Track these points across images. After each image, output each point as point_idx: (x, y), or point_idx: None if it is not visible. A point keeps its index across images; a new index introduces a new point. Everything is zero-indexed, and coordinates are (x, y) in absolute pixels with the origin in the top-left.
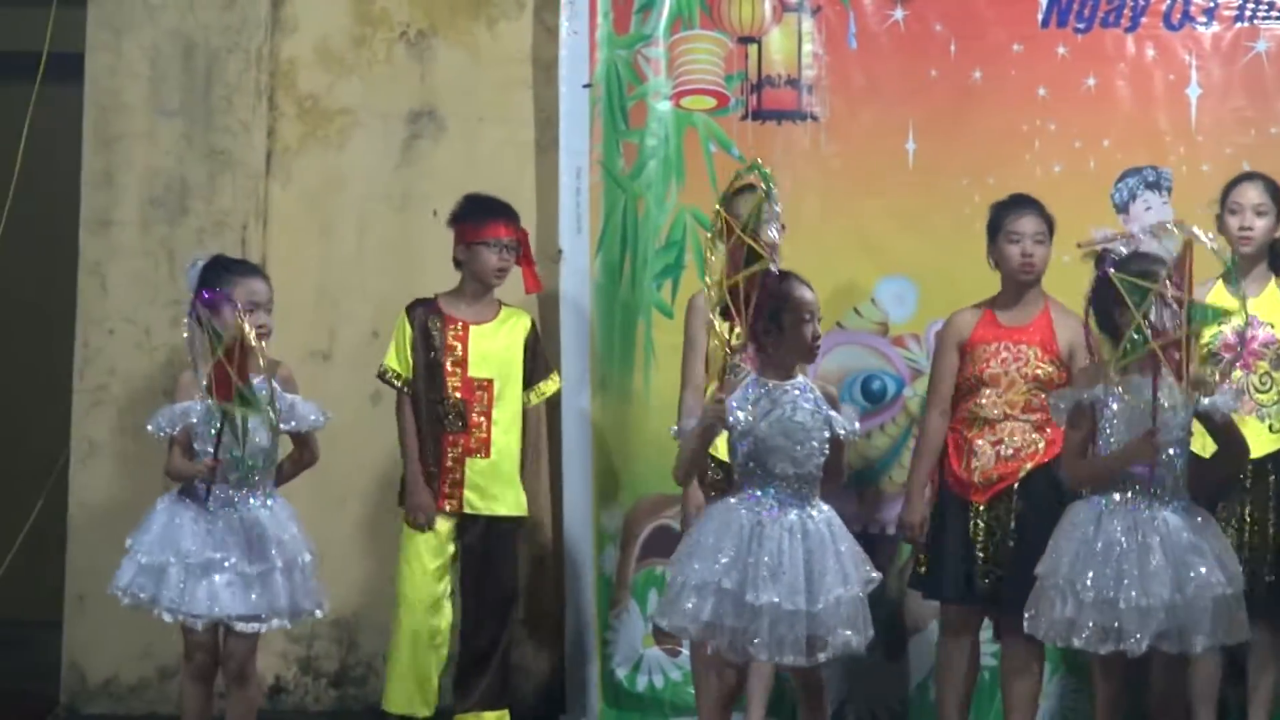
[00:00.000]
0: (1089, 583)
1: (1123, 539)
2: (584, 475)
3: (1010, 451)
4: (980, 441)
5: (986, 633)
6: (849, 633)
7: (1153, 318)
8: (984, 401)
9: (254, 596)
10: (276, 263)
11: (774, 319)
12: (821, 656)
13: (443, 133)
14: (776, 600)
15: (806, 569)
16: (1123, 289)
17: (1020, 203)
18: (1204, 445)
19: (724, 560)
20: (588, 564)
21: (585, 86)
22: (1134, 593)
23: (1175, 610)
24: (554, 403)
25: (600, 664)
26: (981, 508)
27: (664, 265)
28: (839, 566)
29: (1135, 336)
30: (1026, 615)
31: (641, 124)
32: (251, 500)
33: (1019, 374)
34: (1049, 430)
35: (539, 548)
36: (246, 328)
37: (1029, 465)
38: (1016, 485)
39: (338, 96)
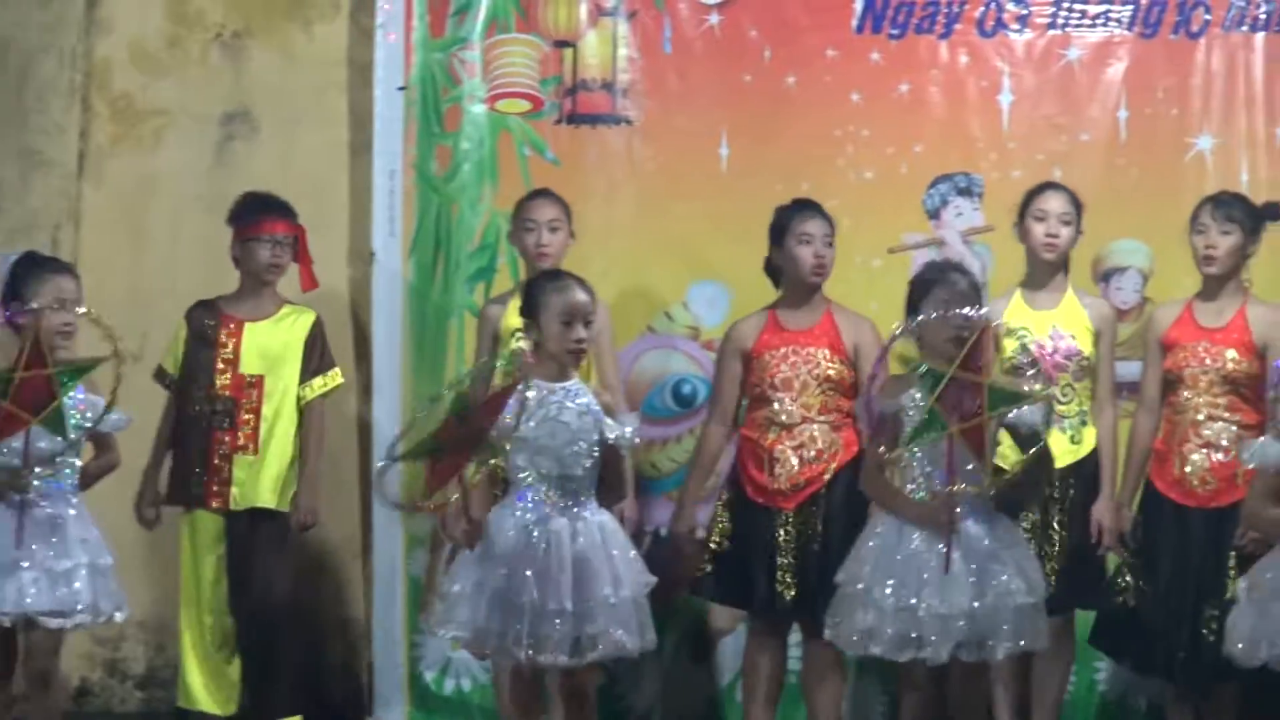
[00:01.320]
0: (889, 590)
1: (923, 547)
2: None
3: (813, 454)
4: (781, 448)
5: (795, 635)
6: (620, 634)
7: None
8: (778, 407)
9: (60, 592)
10: (88, 264)
11: (536, 319)
12: (590, 656)
13: (257, 134)
14: (538, 599)
15: (575, 571)
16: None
17: (809, 205)
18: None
19: (492, 563)
20: (396, 566)
21: (400, 89)
22: (934, 601)
23: (975, 618)
24: (366, 403)
25: (408, 667)
26: (790, 515)
27: (477, 268)
28: (610, 569)
29: (927, 419)
30: (828, 623)
31: (456, 127)
32: (56, 499)
33: (811, 376)
34: (845, 430)
35: (349, 548)
36: (52, 328)
37: (833, 466)
38: (824, 489)
39: (152, 97)
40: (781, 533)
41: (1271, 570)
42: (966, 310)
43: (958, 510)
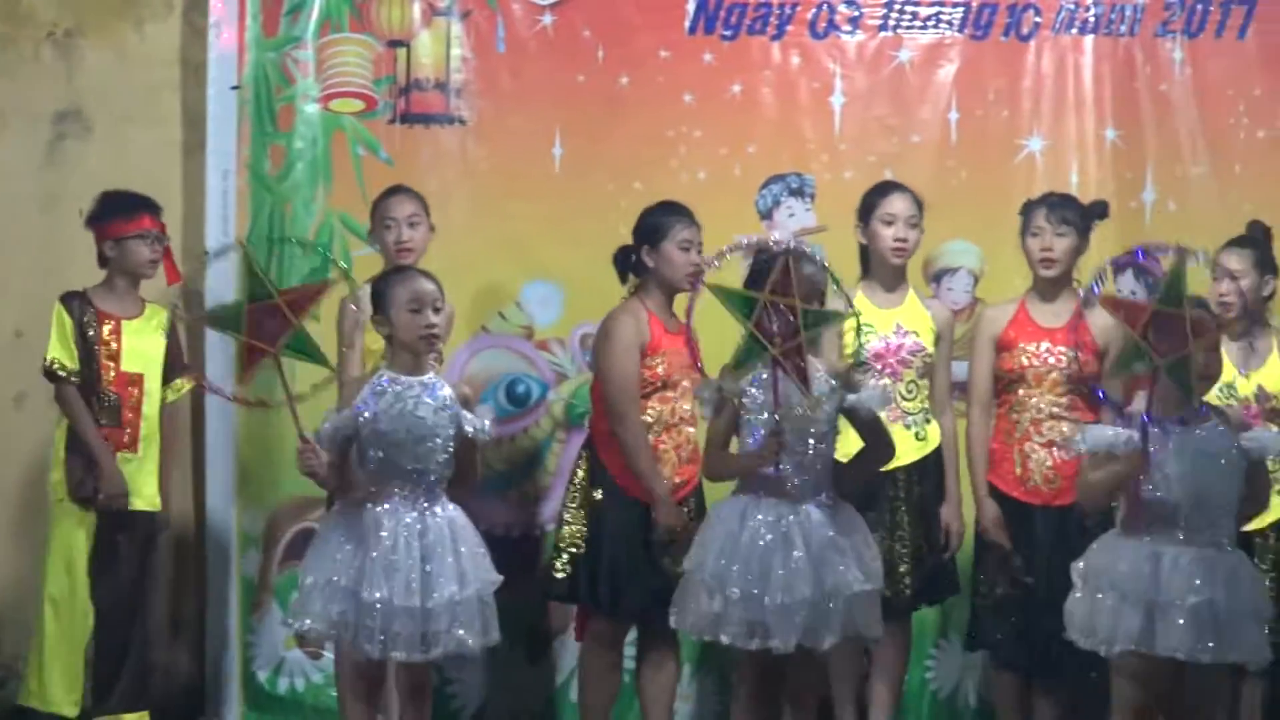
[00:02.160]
0: (735, 578)
1: (767, 535)
2: (226, 476)
3: (687, 455)
4: (664, 447)
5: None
6: (462, 632)
7: (764, 323)
8: (660, 406)
9: None
10: None
11: (386, 314)
12: (434, 653)
13: (89, 133)
14: (388, 595)
15: (422, 566)
16: (727, 300)
17: (681, 209)
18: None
19: (342, 558)
20: (230, 566)
21: (234, 89)
22: (778, 591)
23: (815, 607)
24: (198, 402)
25: (241, 666)
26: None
27: (310, 268)
28: (456, 566)
29: (748, 345)
30: (673, 610)
31: (290, 127)
32: None
33: (688, 378)
34: None
35: (182, 548)
36: None
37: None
38: (698, 489)
39: None
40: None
41: (1101, 556)
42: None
43: (785, 435)
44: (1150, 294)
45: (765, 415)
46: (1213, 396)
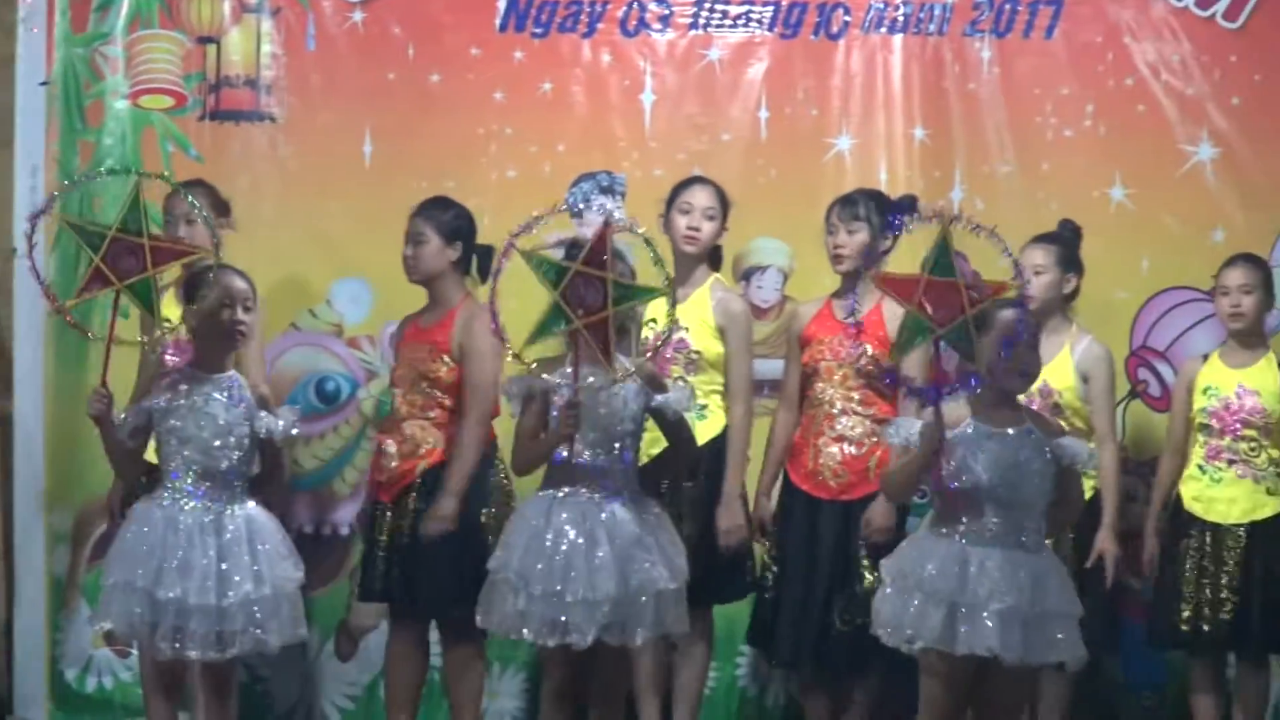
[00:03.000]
0: (539, 576)
1: (571, 532)
2: (34, 473)
3: (409, 449)
4: (388, 441)
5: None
6: (260, 631)
7: (571, 295)
8: (389, 404)
9: None
10: None
11: (194, 308)
12: (231, 652)
13: None
14: (182, 595)
15: (218, 565)
16: (537, 268)
17: (443, 203)
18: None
19: (140, 557)
20: (38, 564)
21: (42, 84)
22: (580, 587)
23: (620, 604)
24: (8, 398)
25: (49, 665)
26: (389, 509)
27: None
28: (253, 565)
29: (552, 314)
30: (479, 609)
31: (99, 123)
32: None
33: (416, 374)
34: (446, 426)
35: None
36: None
37: (424, 464)
38: (417, 481)
39: None
40: (390, 526)
41: (911, 554)
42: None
43: (578, 410)
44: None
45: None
46: None
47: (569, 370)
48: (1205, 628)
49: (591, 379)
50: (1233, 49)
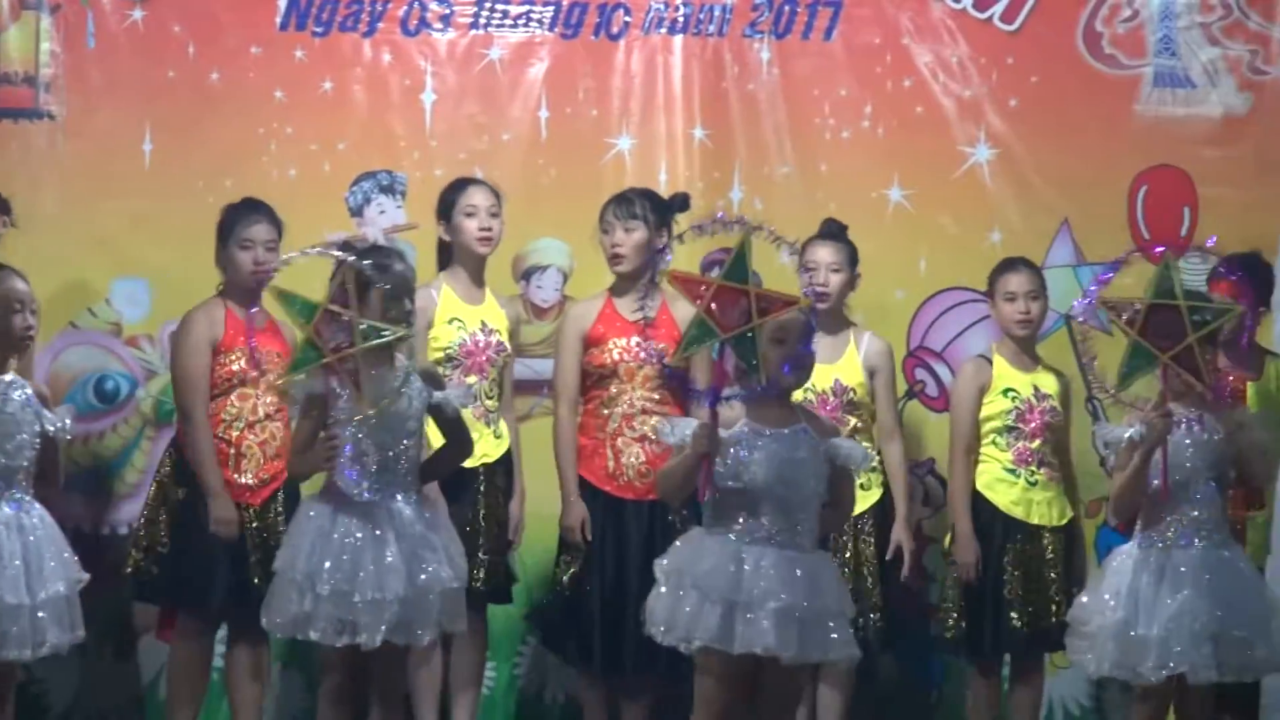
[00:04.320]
0: (326, 576)
1: (358, 532)
2: None
3: (274, 451)
4: (248, 442)
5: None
6: (57, 629)
7: (325, 331)
8: (240, 403)
9: None
10: None
11: None
12: (42, 651)
13: None
14: None
15: (25, 564)
16: (287, 305)
17: (253, 206)
18: None
19: None
20: None
21: None
22: (368, 587)
23: (406, 603)
24: None
25: None
26: (255, 509)
27: None
28: (41, 564)
29: (304, 349)
30: (263, 610)
31: None
32: None
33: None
34: None
35: None
36: None
37: None
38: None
39: None
40: (249, 527)
41: (685, 552)
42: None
43: (338, 439)
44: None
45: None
46: None
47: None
48: (1034, 630)
49: (346, 409)
50: (1010, 51)
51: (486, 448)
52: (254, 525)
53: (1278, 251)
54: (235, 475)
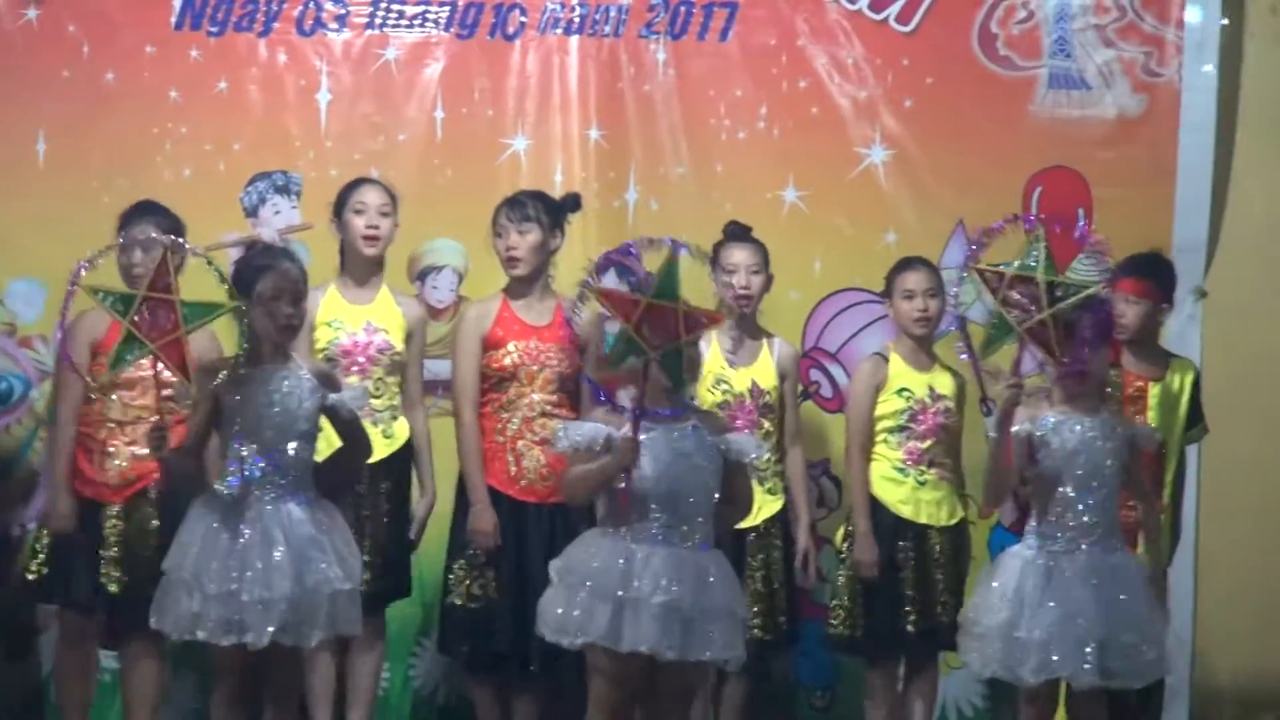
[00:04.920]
0: (213, 575)
1: (247, 531)
2: None
3: (144, 452)
4: (115, 443)
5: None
6: None
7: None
8: (115, 404)
9: None
10: None
11: None
12: None
13: None
14: None
15: None
16: (103, 301)
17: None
18: None
19: None
20: None
21: None
22: (256, 587)
23: (295, 604)
24: None
25: None
26: (118, 508)
27: None
28: None
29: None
30: (153, 611)
31: None
32: None
33: (138, 374)
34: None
35: None
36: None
37: None
38: (152, 484)
39: None
40: (109, 525)
41: (578, 552)
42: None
43: (164, 430)
44: (635, 290)
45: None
46: (705, 390)
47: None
48: (923, 629)
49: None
50: (905, 52)
51: (375, 448)
52: (116, 524)
53: (1171, 250)
54: (97, 474)
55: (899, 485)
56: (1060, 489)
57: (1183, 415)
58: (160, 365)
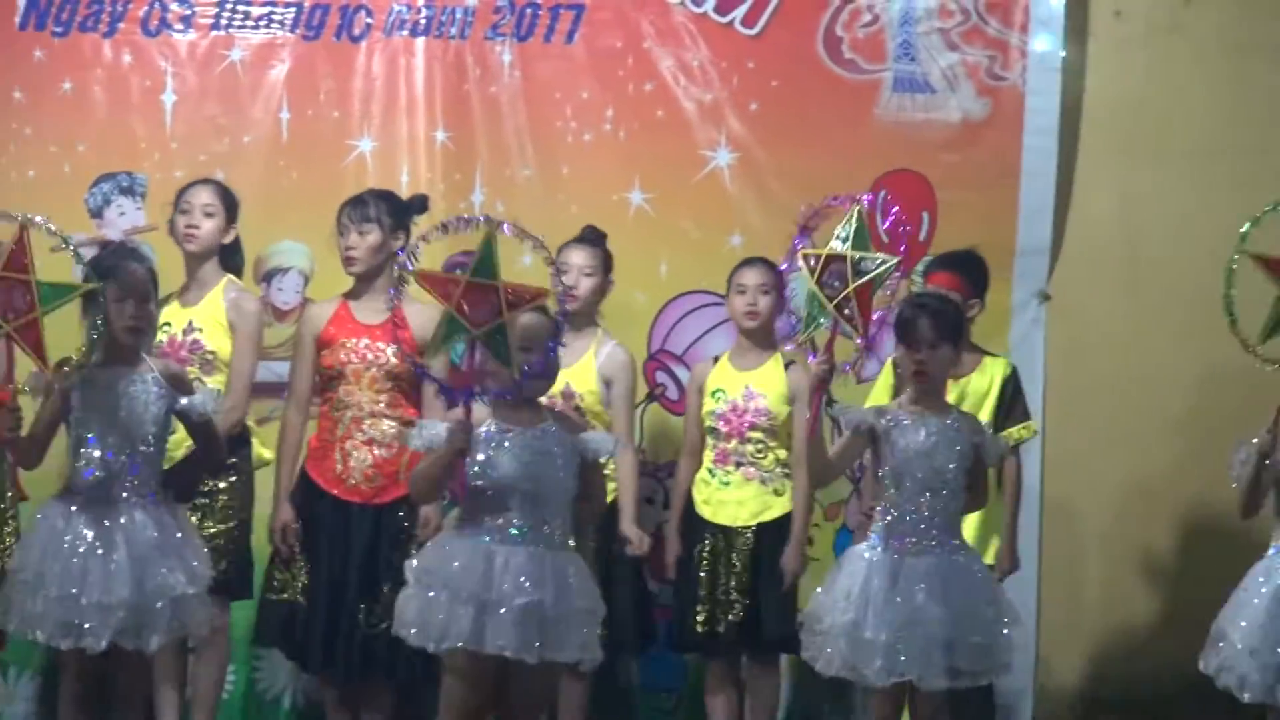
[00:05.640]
0: (53, 577)
1: (88, 534)
2: None
3: None
4: None
5: None
6: None
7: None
8: None
9: None
10: None
11: None
12: None
13: None
14: None
15: None
16: None
17: None
18: None
19: None
20: None
21: None
22: (95, 590)
23: (135, 608)
24: None
25: None
26: None
27: None
28: None
29: None
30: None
31: None
32: None
33: None
34: None
35: None
36: None
37: None
38: None
39: None
40: None
41: (435, 553)
42: None
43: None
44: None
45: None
46: None
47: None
48: (720, 630)
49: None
50: (751, 55)
51: None
52: None
53: (1015, 254)
54: None
55: (705, 486)
56: (904, 489)
57: (989, 413)
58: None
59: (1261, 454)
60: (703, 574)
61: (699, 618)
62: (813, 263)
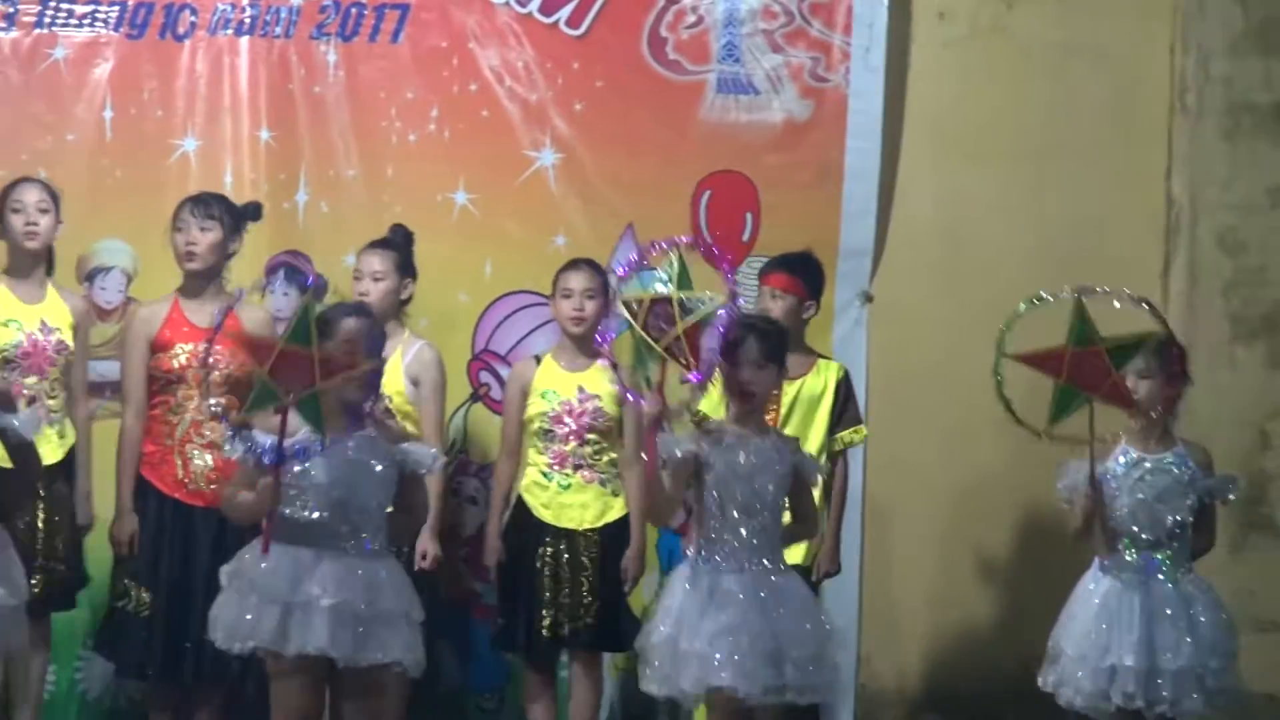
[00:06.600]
0: None
1: None
2: None
3: None
4: None
5: None
6: None
7: None
8: None
9: None
10: None
11: None
12: None
13: None
14: None
15: None
16: None
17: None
18: None
19: None
20: None
21: None
22: None
23: None
24: None
25: None
26: None
27: None
28: None
29: None
30: None
31: None
32: None
33: None
34: None
35: None
36: None
37: None
38: None
39: None
40: None
41: (248, 558)
42: None
43: None
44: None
45: None
46: None
47: None
48: (564, 634)
49: None
50: (575, 55)
51: (49, 451)
52: None
53: (838, 254)
54: None
55: (544, 489)
56: (723, 510)
57: (824, 416)
58: None
59: (1092, 477)
60: (545, 578)
61: (545, 623)
62: (634, 307)
